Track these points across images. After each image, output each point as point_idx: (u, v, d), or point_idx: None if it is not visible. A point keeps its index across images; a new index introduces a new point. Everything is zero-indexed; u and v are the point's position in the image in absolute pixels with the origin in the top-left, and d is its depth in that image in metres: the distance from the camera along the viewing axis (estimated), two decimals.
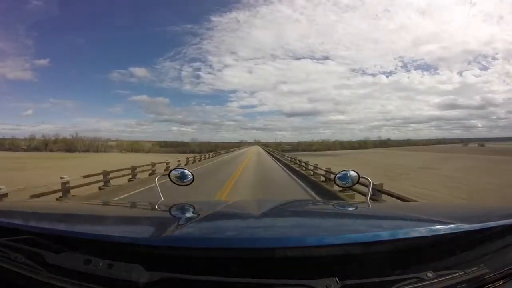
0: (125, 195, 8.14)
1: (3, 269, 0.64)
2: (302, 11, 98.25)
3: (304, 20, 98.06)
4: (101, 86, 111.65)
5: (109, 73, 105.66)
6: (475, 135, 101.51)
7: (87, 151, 67.60)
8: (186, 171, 1.54)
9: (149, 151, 73.48)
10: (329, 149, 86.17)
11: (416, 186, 10.56)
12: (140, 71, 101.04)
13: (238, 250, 0.63)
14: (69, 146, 70.91)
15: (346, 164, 18.25)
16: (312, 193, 8.49)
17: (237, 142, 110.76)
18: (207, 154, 27.74)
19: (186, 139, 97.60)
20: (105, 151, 68.66)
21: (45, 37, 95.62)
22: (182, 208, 1.19)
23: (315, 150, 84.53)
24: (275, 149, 56.01)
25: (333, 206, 1.47)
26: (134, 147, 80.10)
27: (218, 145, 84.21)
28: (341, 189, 6.62)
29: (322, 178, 9.82)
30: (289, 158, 20.05)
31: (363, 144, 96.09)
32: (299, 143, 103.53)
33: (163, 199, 1.38)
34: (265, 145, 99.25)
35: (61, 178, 6.97)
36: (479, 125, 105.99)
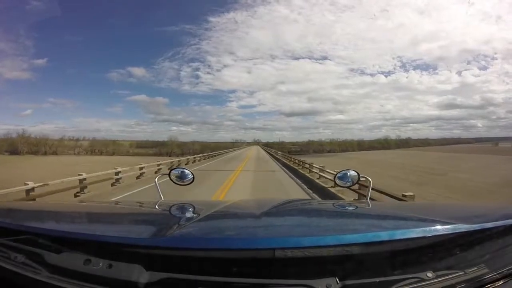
0: None
1: (3, 269, 0.64)
2: (300, 11, 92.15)
3: (302, 20, 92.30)
4: (100, 86, 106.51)
5: (108, 73, 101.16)
6: (474, 134, 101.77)
7: (36, 152, 51.16)
8: (186, 171, 1.54)
9: (113, 153, 57.43)
10: (344, 150, 70.98)
11: None
12: (139, 71, 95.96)
13: (238, 250, 0.62)
14: (13, 147, 53.73)
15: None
16: None
17: (231, 142, 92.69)
18: (167, 161, 16.30)
19: (186, 138, 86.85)
20: (56, 153, 52.31)
21: (44, 36, 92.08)
22: (182, 208, 1.18)
23: (329, 152, 69.12)
24: (281, 151, 40.00)
25: (333, 206, 1.47)
26: (102, 148, 64.50)
27: (208, 146, 68.94)
28: None
29: None
30: None
31: (385, 144, 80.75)
32: (309, 143, 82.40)
33: (163, 199, 1.37)
34: (266, 146, 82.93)
35: None
36: (479, 124, 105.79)
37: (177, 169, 1.54)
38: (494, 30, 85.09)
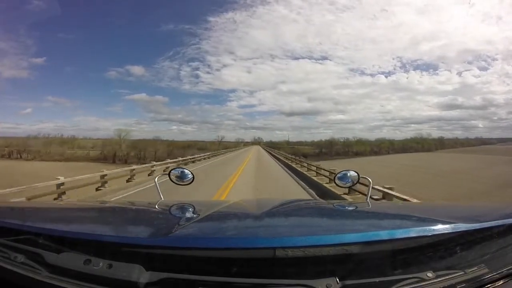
0: None
1: (3, 269, 0.63)
2: (299, 11, 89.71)
3: (301, 20, 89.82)
4: (100, 85, 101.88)
5: (108, 72, 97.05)
6: (476, 135, 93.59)
7: None
8: (186, 171, 1.54)
9: (33, 158, 41.96)
10: (377, 153, 54.40)
11: None
12: (138, 70, 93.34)
13: (239, 250, 0.62)
14: None
15: None
16: None
17: (213, 142, 69.35)
18: None
19: (186, 138, 76.04)
20: None
21: (43, 35, 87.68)
22: (182, 208, 1.18)
23: (356, 155, 52.45)
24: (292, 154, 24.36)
25: (333, 206, 1.46)
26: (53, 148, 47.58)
27: (177, 144, 50.37)
28: None
29: None
30: None
31: (425, 145, 63.93)
32: (331, 143, 59.78)
33: (163, 199, 1.36)
34: (272, 147, 60.89)
35: None
36: (480, 125, 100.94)
37: (177, 169, 1.54)
38: (495, 30, 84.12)
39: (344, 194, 7.94)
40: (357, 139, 60.00)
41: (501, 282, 0.62)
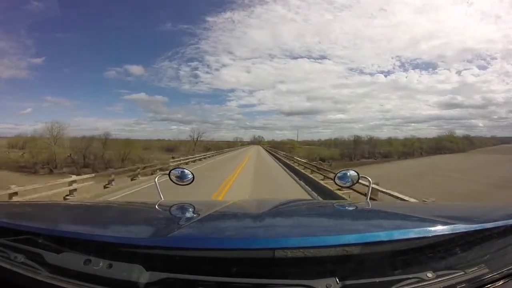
0: None
1: (3, 269, 0.63)
2: (297, 11, 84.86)
3: (300, 19, 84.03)
4: (100, 85, 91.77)
5: (107, 72, 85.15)
6: (476, 134, 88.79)
7: None
8: (186, 171, 1.53)
9: None
10: (409, 154, 44.05)
11: None
12: (138, 71, 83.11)
13: (238, 250, 0.62)
14: None
15: None
16: None
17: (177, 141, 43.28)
18: None
19: (185, 137, 62.04)
20: None
21: (43, 35, 76.16)
22: (182, 208, 1.18)
23: (386, 157, 41.99)
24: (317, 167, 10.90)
25: (333, 206, 1.46)
26: None
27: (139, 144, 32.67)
28: None
29: None
30: None
31: (459, 144, 54.62)
32: (356, 141, 44.42)
33: (163, 199, 1.36)
34: (276, 148, 49.32)
35: None
36: (480, 124, 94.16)
37: (177, 169, 1.54)
38: (493, 29, 79.50)
39: None
40: (368, 138, 49.16)
41: (501, 282, 0.62)
